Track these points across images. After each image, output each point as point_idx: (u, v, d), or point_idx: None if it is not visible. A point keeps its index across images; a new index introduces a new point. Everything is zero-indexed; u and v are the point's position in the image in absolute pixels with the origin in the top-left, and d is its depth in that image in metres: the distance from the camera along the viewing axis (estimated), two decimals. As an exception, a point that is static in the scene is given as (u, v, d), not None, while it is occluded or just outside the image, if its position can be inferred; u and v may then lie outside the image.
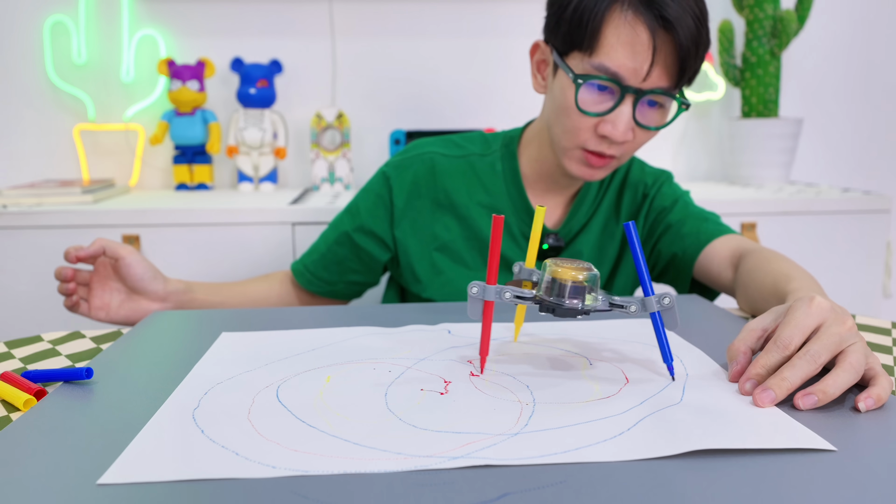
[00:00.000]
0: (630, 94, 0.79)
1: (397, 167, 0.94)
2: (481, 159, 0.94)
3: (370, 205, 0.94)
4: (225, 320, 0.75)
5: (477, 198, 0.93)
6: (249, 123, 1.68)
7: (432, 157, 0.93)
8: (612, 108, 0.79)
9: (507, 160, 0.94)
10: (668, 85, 0.80)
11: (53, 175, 1.76)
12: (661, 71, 0.78)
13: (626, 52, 0.77)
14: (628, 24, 0.76)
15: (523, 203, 0.93)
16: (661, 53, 0.77)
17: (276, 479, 0.40)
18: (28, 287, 1.38)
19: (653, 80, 0.78)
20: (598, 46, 0.77)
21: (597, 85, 0.79)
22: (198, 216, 1.40)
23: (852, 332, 0.52)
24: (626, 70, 0.77)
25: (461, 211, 0.93)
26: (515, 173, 0.93)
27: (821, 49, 1.91)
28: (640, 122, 0.81)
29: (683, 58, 0.77)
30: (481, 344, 0.57)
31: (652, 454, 0.42)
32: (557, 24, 0.81)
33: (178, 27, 1.74)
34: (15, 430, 0.47)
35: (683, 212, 0.94)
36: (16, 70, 1.71)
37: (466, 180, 0.93)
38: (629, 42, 0.76)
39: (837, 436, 0.44)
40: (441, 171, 0.93)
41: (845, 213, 1.54)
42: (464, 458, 0.42)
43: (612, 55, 0.77)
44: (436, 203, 0.93)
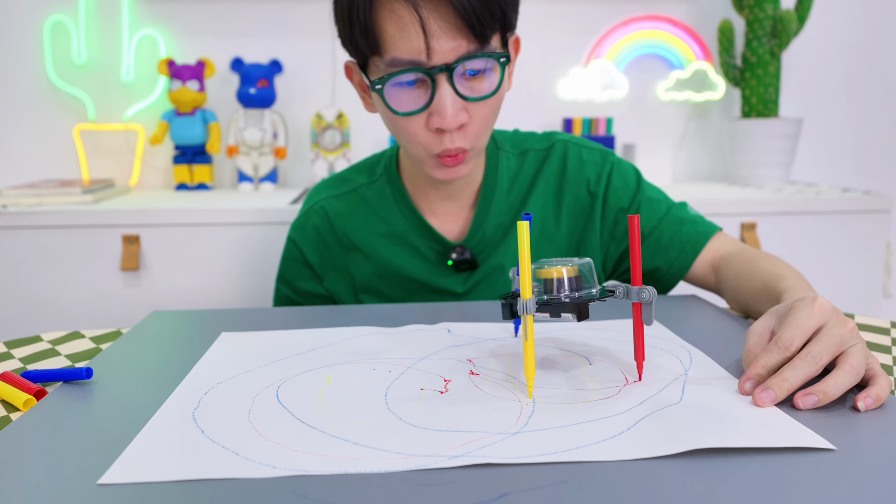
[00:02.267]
0: (440, 74, 0.71)
1: (298, 228, 0.93)
2: (369, 188, 0.91)
3: (293, 271, 0.94)
4: (225, 320, 0.75)
5: (376, 229, 0.90)
6: (249, 123, 1.68)
7: (322, 205, 0.92)
8: (431, 98, 0.73)
9: (391, 182, 0.90)
10: (471, 48, 0.72)
11: (53, 175, 1.76)
12: (449, 38, 0.70)
13: (404, 36, 0.70)
14: (396, 9, 0.70)
15: (418, 221, 0.88)
16: (437, 22, 0.70)
17: (276, 479, 0.40)
18: (28, 287, 1.38)
19: (450, 51, 0.71)
20: (381, 42, 0.72)
21: (400, 81, 0.73)
22: (198, 216, 1.40)
23: (853, 333, 0.52)
24: (415, 53, 0.70)
25: (365, 249, 0.90)
26: (402, 193, 0.89)
27: (821, 49, 1.91)
28: (467, 95, 0.73)
29: (465, 14, 0.69)
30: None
31: (652, 454, 0.42)
32: (345, 39, 0.76)
33: (178, 27, 1.74)
34: (15, 430, 0.47)
35: (653, 215, 0.88)
36: (16, 70, 1.71)
37: (361, 215, 0.91)
38: (401, 25, 0.70)
39: (837, 435, 0.44)
40: (334, 215, 0.91)
41: (845, 213, 1.54)
42: (464, 458, 0.42)
43: (395, 45, 0.71)
44: (343, 248, 0.91)
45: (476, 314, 0.76)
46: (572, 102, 1.85)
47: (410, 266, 0.89)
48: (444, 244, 0.88)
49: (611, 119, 1.77)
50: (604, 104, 1.86)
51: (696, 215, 0.90)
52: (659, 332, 0.68)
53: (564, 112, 1.85)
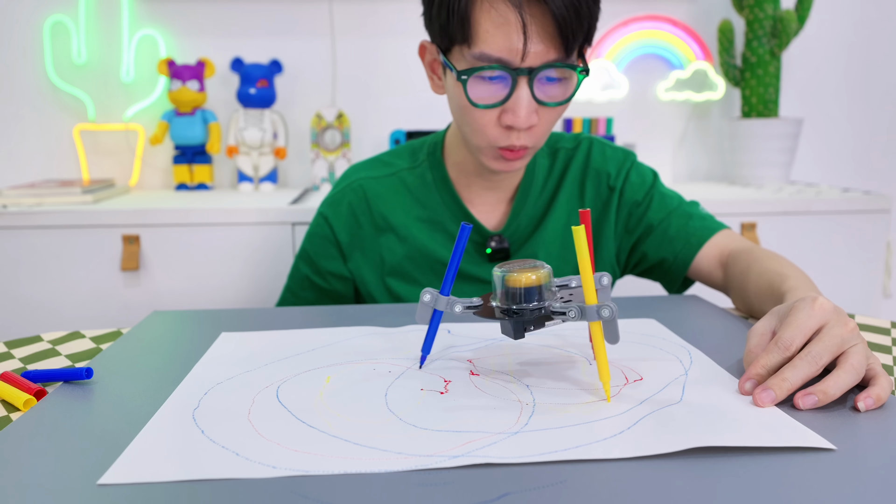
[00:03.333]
0: (522, 76, 0.74)
1: (331, 204, 0.93)
2: (410, 173, 0.92)
3: (318, 248, 0.93)
4: (225, 320, 0.75)
5: (414, 213, 0.91)
6: (249, 123, 1.68)
7: (361, 184, 0.92)
8: (508, 96, 0.75)
9: (435, 168, 0.91)
10: (557, 56, 0.74)
11: (53, 175, 1.76)
12: (542, 45, 0.73)
13: (501, 35, 0.72)
14: (496, 7, 0.72)
15: (460, 209, 0.90)
16: (535, 27, 0.72)
17: (276, 479, 0.40)
18: (28, 287, 1.38)
19: (537, 56, 0.73)
20: (473, 35, 0.73)
21: (485, 76, 0.75)
22: (198, 216, 1.40)
23: (854, 333, 0.52)
24: (507, 52, 0.73)
25: (401, 231, 0.90)
26: (446, 180, 0.90)
27: (821, 49, 1.91)
28: (542, 100, 0.76)
29: (562, 25, 0.71)
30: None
31: (651, 453, 0.42)
32: (432, 22, 0.78)
33: (178, 27, 1.74)
34: (15, 430, 0.47)
35: (663, 208, 0.91)
36: (16, 70, 1.71)
37: (400, 198, 0.91)
38: (500, 24, 0.72)
39: (837, 435, 0.44)
40: (373, 195, 0.91)
41: (845, 213, 1.54)
42: (464, 458, 0.42)
43: (488, 41, 0.73)
44: (376, 228, 0.91)
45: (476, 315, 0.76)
46: (572, 102, 1.85)
47: (446, 251, 0.90)
48: (482, 233, 0.90)
49: (611, 119, 1.77)
50: (604, 104, 1.86)
51: (706, 213, 0.92)
52: (659, 332, 0.68)
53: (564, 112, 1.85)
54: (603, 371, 0.52)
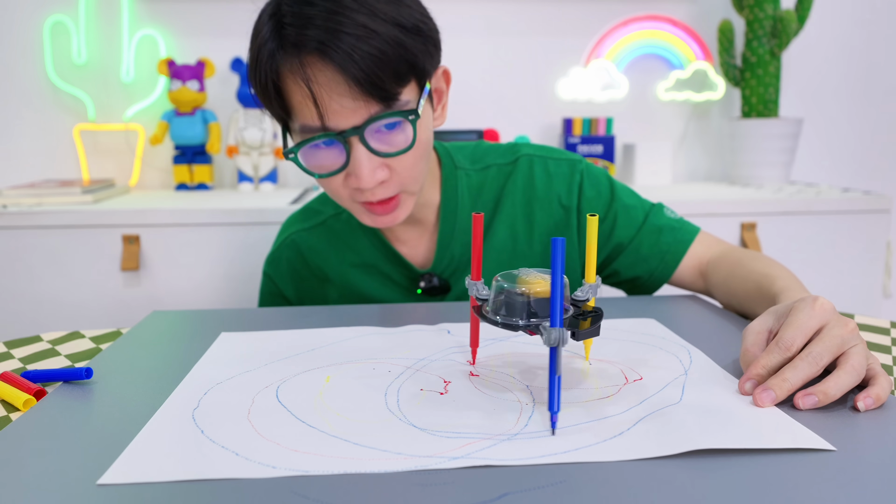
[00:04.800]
0: (352, 137, 0.70)
1: (272, 263, 0.93)
2: (337, 219, 0.90)
3: (272, 304, 0.95)
4: (225, 320, 0.75)
5: (348, 260, 0.90)
6: (249, 123, 1.68)
7: (294, 239, 0.92)
8: (347, 160, 0.71)
9: None
10: (377, 109, 0.70)
11: (53, 175, 1.76)
12: (350, 103, 0.68)
13: (308, 103, 0.69)
14: (292, 78, 0.69)
15: (388, 250, 0.87)
16: (329, 93, 0.68)
17: (276, 479, 0.40)
18: (28, 287, 1.38)
19: (352, 112, 0.69)
20: (290, 110, 0.71)
21: (317, 144, 0.72)
22: (198, 216, 1.40)
23: (854, 333, 0.52)
24: (320, 118, 0.69)
25: (337, 280, 0.90)
26: None
27: (821, 49, 1.91)
28: (385, 151, 0.72)
29: (363, 82, 0.67)
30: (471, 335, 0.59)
31: (651, 454, 0.42)
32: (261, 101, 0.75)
33: (178, 27, 1.74)
34: (15, 430, 0.47)
35: (630, 224, 0.86)
36: (16, 70, 1.71)
37: (332, 247, 0.90)
38: (304, 93, 0.69)
39: (837, 436, 0.44)
40: (306, 248, 0.91)
41: (845, 213, 1.54)
42: (464, 459, 0.42)
43: (303, 112, 0.70)
44: (317, 279, 0.91)
45: (476, 314, 0.76)
46: (572, 102, 1.85)
47: (384, 294, 0.89)
48: (413, 271, 0.87)
49: (611, 119, 1.77)
50: (604, 104, 1.86)
51: (674, 220, 0.88)
52: (659, 332, 0.68)
53: (564, 112, 1.85)
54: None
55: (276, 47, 0.69)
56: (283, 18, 0.69)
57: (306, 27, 0.67)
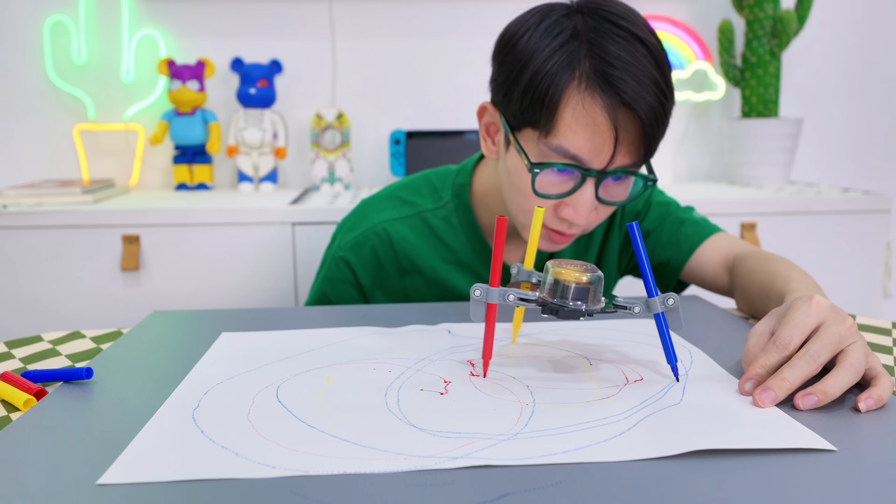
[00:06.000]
0: (591, 177, 0.72)
1: (353, 248, 0.89)
2: (434, 214, 0.89)
3: (339, 292, 0.90)
4: (225, 320, 0.75)
5: (440, 255, 0.89)
6: (249, 123, 1.68)
7: (385, 227, 0.89)
8: (573, 191, 0.73)
9: (461, 212, 0.89)
10: (630, 163, 0.73)
11: (53, 175, 1.76)
12: (623, 151, 0.71)
13: (586, 135, 0.70)
14: (587, 106, 0.69)
15: (487, 252, 0.89)
16: (623, 134, 0.70)
17: (276, 479, 0.40)
18: (28, 287, 1.38)
19: (616, 160, 0.72)
20: (555, 128, 0.71)
21: (555, 168, 0.73)
22: (198, 216, 1.40)
23: (852, 331, 0.52)
24: (587, 153, 0.71)
25: (428, 273, 0.89)
26: (474, 226, 0.88)
27: (821, 49, 1.90)
28: (604, 199, 0.75)
29: (647, 136, 0.71)
30: (484, 347, 0.57)
31: (652, 454, 0.42)
32: (508, 96, 0.74)
33: (178, 27, 1.74)
34: (15, 430, 0.47)
35: (658, 216, 0.92)
36: (16, 70, 1.71)
37: (425, 240, 0.89)
38: (589, 125, 0.70)
39: (837, 436, 0.44)
40: (398, 238, 0.88)
41: (845, 213, 1.54)
42: (464, 459, 0.42)
43: (570, 138, 0.70)
44: (401, 270, 0.90)
45: (476, 314, 0.76)
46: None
47: None
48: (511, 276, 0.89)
49: (611, 119, 1.77)
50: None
51: (699, 218, 0.92)
52: (659, 333, 0.68)
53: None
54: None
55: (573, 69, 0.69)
56: (592, 47, 0.69)
57: (617, 68, 0.68)
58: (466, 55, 1.81)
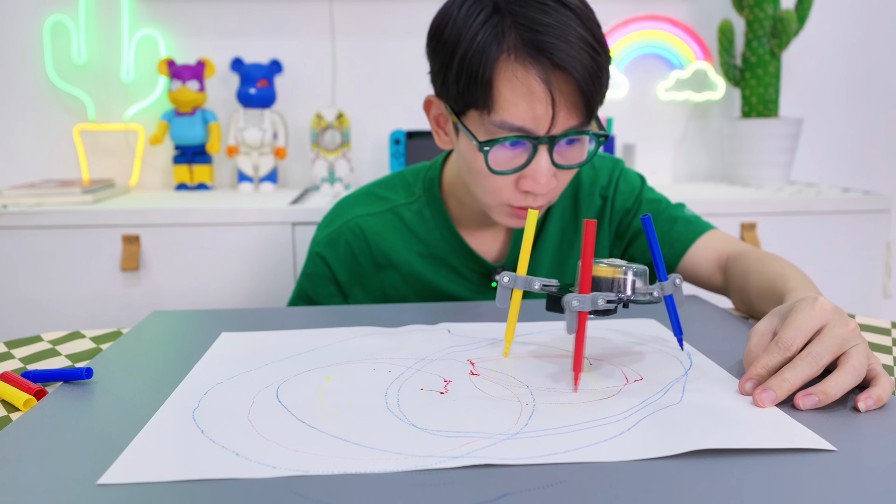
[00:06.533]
0: (542, 144, 0.73)
1: (328, 244, 0.90)
2: (407, 208, 0.90)
3: (317, 287, 0.91)
4: (225, 320, 0.75)
5: (415, 249, 0.90)
6: (249, 123, 1.68)
7: (359, 223, 0.90)
8: (528, 163, 0.74)
9: (433, 205, 0.90)
10: (577, 123, 0.74)
11: (53, 175, 1.76)
12: (566, 113, 0.72)
13: (525, 105, 0.71)
14: (519, 76, 0.70)
15: (460, 244, 0.89)
16: (562, 97, 0.71)
17: (276, 479, 0.40)
18: (28, 287, 1.38)
19: (560, 124, 0.72)
20: (495, 103, 0.71)
21: (505, 143, 0.74)
22: (198, 216, 1.40)
23: (854, 333, 0.52)
24: (530, 122, 0.71)
25: (402, 267, 0.90)
26: (445, 218, 0.89)
27: (821, 49, 1.91)
28: (561, 164, 0.76)
29: (586, 95, 0.71)
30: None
31: (652, 454, 0.42)
32: (445, 83, 0.75)
33: (178, 27, 1.74)
34: (15, 430, 0.47)
35: (649, 212, 0.92)
36: (16, 70, 1.71)
37: (399, 234, 0.90)
38: (525, 94, 0.70)
39: (837, 436, 0.44)
40: (371, 233, 0.89)
41: (845, 213, 1.54)
42: (464, 458, 0.42)
43: (511, 111, 0.71)
44: (376, 266, 0.90)
45: (476, 315, 0.76)
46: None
47: (451, 285, 0.90)
48: (485, 266, 0.90)
49: (611, 119, 1.77)
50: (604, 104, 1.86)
51: (691, 215, 0.92)
52: (659, 333, 0.68)
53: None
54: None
55: (500, 43, 0.70)
56: (515, 18, 0.70)
57: (543, 34, 0.69)
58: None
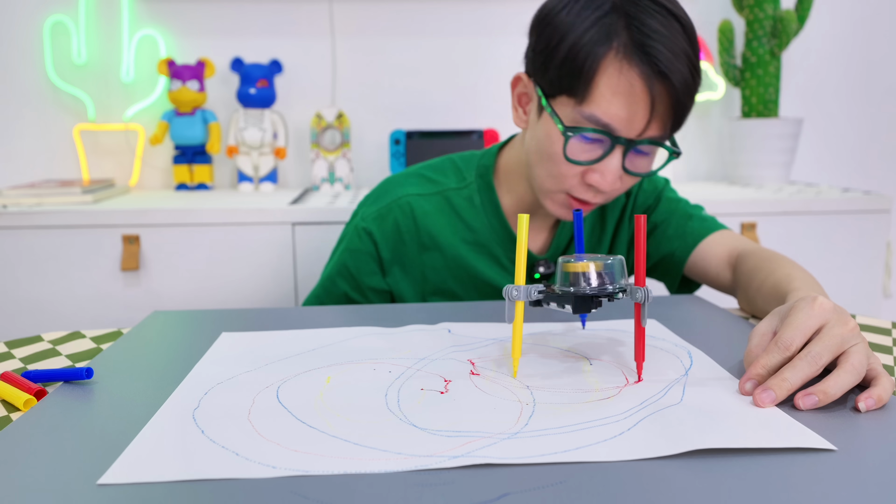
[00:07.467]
0: (620, 145, 0.75)
1: (376, 220, 0.90)
2: (457, 193, 0.91)
3: (360, 264, 0.90)
4: (225, 320, 0.75)
5: (461, 234, 0.90)
6: (249, 123, 1.68)
7: (409, 201, 0.90)
8: (601, 158, 0.76)
9: (484, 192, 0.90)
10: (659, 134, 0.76)
11: (53, 175, 1.76)
12: (656, 121, 0.74)
13: (622, 103, 0.73)
14: (623, 75, 0.72)
15: (507, 234, 0.90)
16: (657, 104, 0.73)
17: (276, 479, 0.40)
18: (28, 287, 1.38)
19: (648, 129, 0.75)
20: (590, 95, 0.73)
21: (586, 136, 0.75)
22: (198, 216, 1.40)
23: (854, 333, 0.52)
24: (620, 122, 0.74)
25: (447, 251, 0.90)
26: (496, 206, 0.90)
27: (821, 49, 1.90)
28: (630, 170, 0.78)
29: (678, 107, 0.74)
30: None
31: (652, 454, 0.42)
32: (545, 66, 0.77)
33: (178, 27, 1.74)
34: (15, 430, 0.47)
35: (667, 210, 0.94)
36: (16, 70, 1.71)
37: (447, 218, 0.90)
38: (624, 93, 0.72)
39: (837, 436, 0.44)
40: (421, 213, 0.89)
41: (845, 213, 1.54)
42: (464, 458, 0.42)
43: (604, 106, 0.73)
44: (421, 246, 0.90)
45: (476, 315, 0.76)
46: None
47: (493, 274, 0.91)
48: (530, 257, 0.90)
49: (611, 119, 1.77)
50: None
51: (706, 215, 0.94)
52: (659, 332, 0.68)
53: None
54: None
55: (610, 39, 0.72)
56: (629, 19, 0.72)
57: (653, 39, 0.71)
58: (466, 55, 1.81)
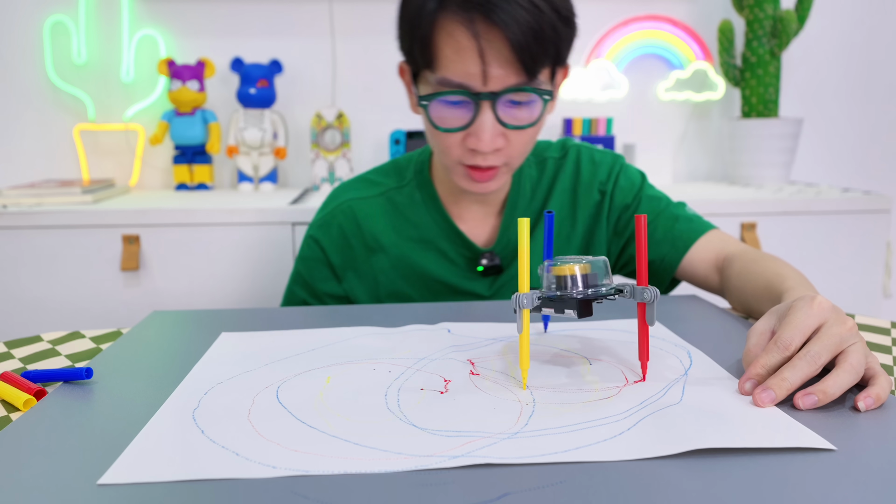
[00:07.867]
0: (484, 101, 0.74)
1: (321, 227, 0.92)
2: (399, 192, 0.92)
3: (312, 271, 0.92)
4: (225, 320, 0.75)
5: (406, 233, 0.91)
6: (249, 123, 1.68)
7: (350, 205, 0.91)
8: (472, 121, 0.76)
9: (423, 188, 0.91)
10: (519, 80, 0.74)
11: (53, 175, 1.76)
12: (501, 70, 0.73)
13: (460, 60, 0.73)
14: (451, 30, 0.72)
15: (449, 226, 0.90)
16: (493, 52, 0.72)
17: (276, 479, 0.40)
18: (28, 287, 1.38)
19: (498, 80, 0.73)
20: (436, 60, 0.74)
21: (448, 100, 0.76)
22: (198, 216, 1.40)
23: (852, 332, 0.52)
24: (467, 77, 0.73)
25: (392, 251, 0.90)
26: (434, 199, 0.90)
27: (821, 49, 1.90)
28: (508, 123, 0.76)
29: (519, 50, 0.71)
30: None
31: (651, 454, 0.42)
32: (403, 46, 0.79)
33: (178, 27, 1.74)
34: (15, 430, 0.47)
35: (650, 210, 0.92)
36: (16, 70, 1.71)
37: (391, 219, 0.91)
38: (458, 49, 0.73)
39: (837, 435, 0.44)
40: (363, 216, 0.91)
41: (845, 213, 1.54)
42: (464, 458, 0.42)
43: (448, 67, 0.74)
44: (368, 249, 0.91)
45: (476, 314, 0.76)
46: (572, 102, 1.85)
47: (439, 270, 0.91)
48: (473, 250, 0.90)
49: (611, 119, 1.77)
50: (604, 104, 1.86)
51: (692, 214, 0.92)
52: (659, 332, 0.68)
53: (564, 112, 1.85)
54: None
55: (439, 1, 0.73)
56: None
57: None
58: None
